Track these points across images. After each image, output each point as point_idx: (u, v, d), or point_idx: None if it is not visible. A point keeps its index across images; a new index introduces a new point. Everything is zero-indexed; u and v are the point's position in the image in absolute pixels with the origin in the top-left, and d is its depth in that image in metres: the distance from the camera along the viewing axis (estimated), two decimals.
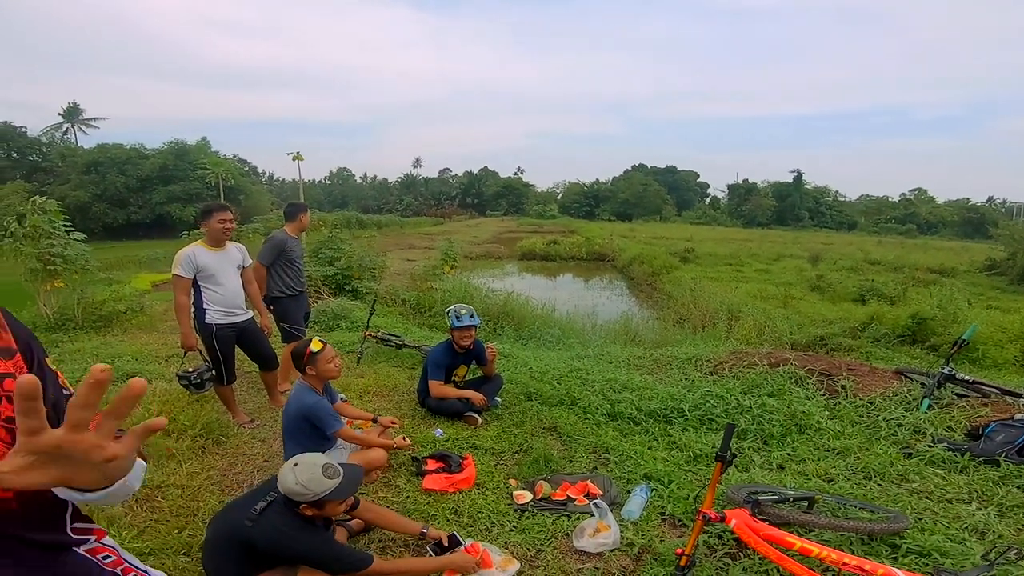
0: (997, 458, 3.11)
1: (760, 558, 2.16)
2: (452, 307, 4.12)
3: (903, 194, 66.33)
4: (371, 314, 6.03)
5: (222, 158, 28.90)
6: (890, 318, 9.38)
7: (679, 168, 76.43)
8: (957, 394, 4.14)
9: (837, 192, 65.18)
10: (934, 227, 56.55)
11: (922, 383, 4.13)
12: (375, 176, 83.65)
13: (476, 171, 73.62)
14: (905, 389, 4.11)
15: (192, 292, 3.56)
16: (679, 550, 2.07)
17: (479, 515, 2.66)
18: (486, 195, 69.31)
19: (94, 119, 49.07)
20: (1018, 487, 2.84)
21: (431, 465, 3.10)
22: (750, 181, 63.62)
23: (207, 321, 3.58)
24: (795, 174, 58.77)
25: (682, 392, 4.27)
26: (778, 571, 2.13)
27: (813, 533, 2.37)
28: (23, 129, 39.79)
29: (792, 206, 57.02)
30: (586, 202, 65.65)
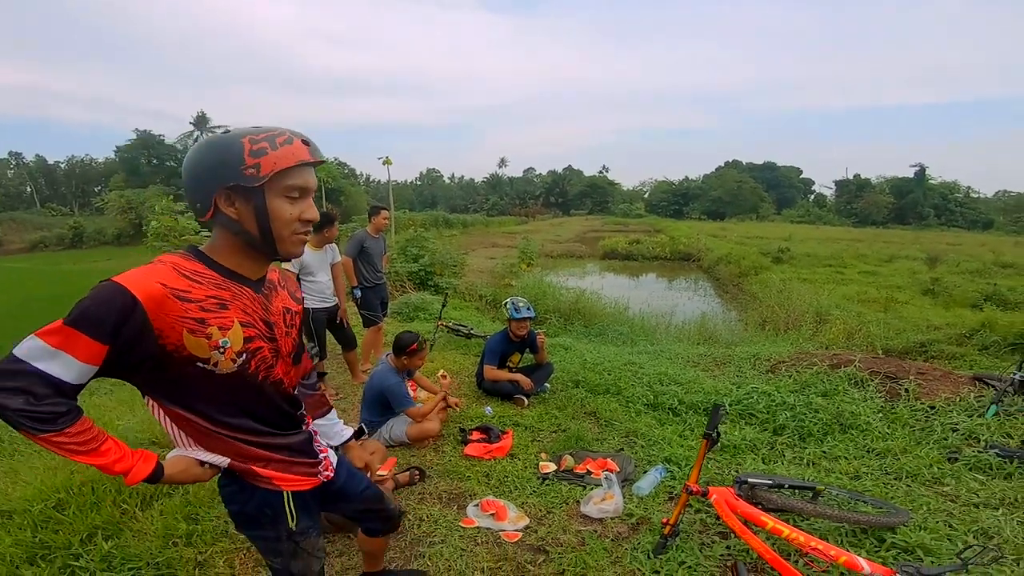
0: None
1: None
2: (510, 299, 4.49)
3: None
4: (443, 306, 6.57)
5: (324, 161, 31.48)
6: (1004, 324, 8.42)
7: (779, 164, 71.48)
8: None
9: (969, 188, 57.69)
10: None
11: (995, 388, 3.86)
12: (462, 176, 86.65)
13: (560, 170, 73.76)
14: (974, 395, 3.87)
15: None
16: (664, 519, 2.29)
17: (506, 479, 3.01)
18: (570, 194, 69.28)
19: (219, 127, 55.47)
20: None
21: (474, 436, 3.51)
22: (862, 177, 58.05)
23: (306, 306, 4.29)
24: (917, 168, 52.84)
25: (729, 388, 4.32)
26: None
27: (807, 522, 2.44)
28: (161, 137, 45.41)
29: (914, 203, 51.42)
30: (674, 200, 63.55)
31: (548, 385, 4.52)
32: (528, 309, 4.38)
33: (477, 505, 2.72)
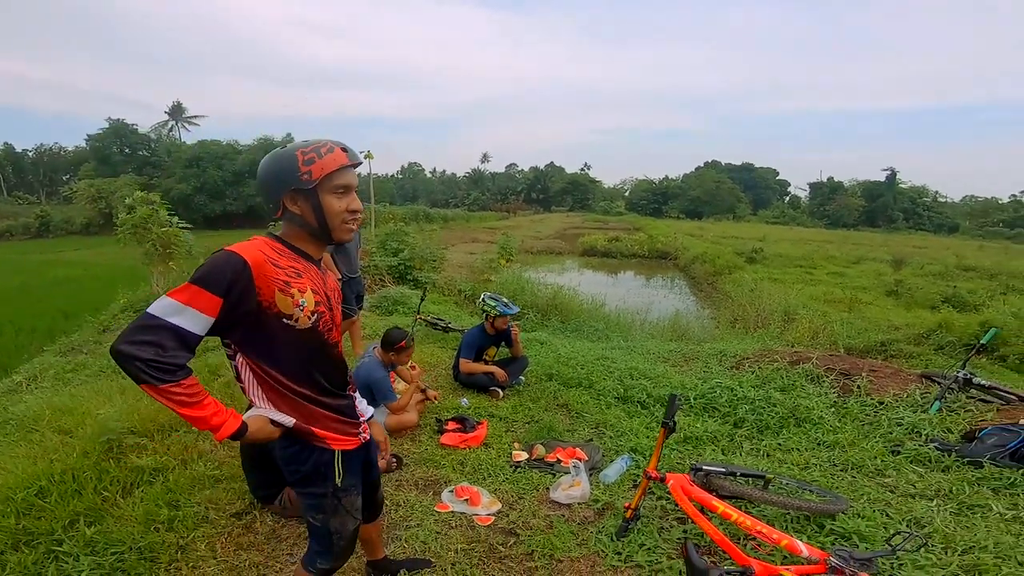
0: (981, 460, 3.15)
1: None
2: (490, 295, 4.64)
3: (1013, 195, 59.48)
4: (422, 300, 6.67)
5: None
6: (959, 326, 8.87)
7: (756, 165, 72.82)
8: (982, 400, 4.10)
9: (937, 193, 59.59)
10: None
11: (940, 385, 4.13)
12: (444, 171, 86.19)
13: (542, 167, 73.92)
14: (920, 392, 4.14)
15: None
16: (626, 504, 2.46)
17: (480, 467, 3.16)
18: (552, 191, 69.50)
19: (195, 117, 54.16)
20: (991, 489, 2.87)
21: (450, 426, 3.65)
22: (835, 179, 59.55)
23: None
24: (888, 172, 54.42)
25: (695, 382, 4.53)
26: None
27: (757, 508, 2.62)
28: (134, 126, 44.11)
29: (884, 207, 52.98)
30: (654, 199, 64.23)
31: (523, 378, 4.67)
32: (512, 305, 4.57)
33: (452, 491, 2.86)
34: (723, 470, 2.62)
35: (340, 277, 5.10)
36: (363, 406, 1.81)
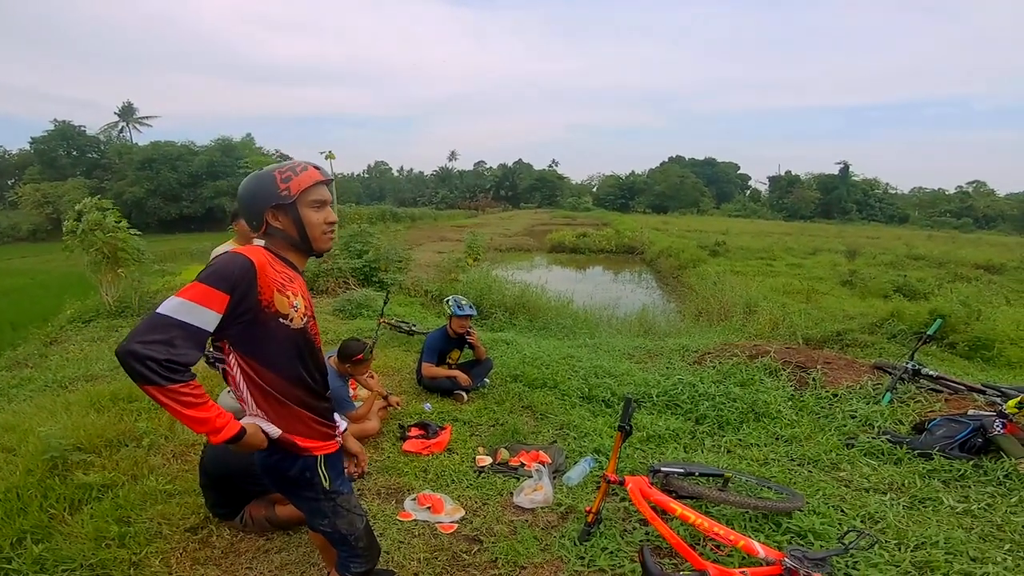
0: (931, 452, 3.25)
1: None
2: (452, 297, 4.57)
3: (959, 187, 62.62)
4: (385, 303, 6.55)
5: (265, 154, 30.18)
6: (910, 314, 9.25)
7: (719, 160, 74.53)
8: (932, 389, 4.26)
9: (888, 185, 62.30)
10: (992, 221, 53.28)
11: (892, 376, 4.29)
12: (411, 169, 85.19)
13: (511, 164, 73.92)
14: (872, 383, 4.29)
15: None
16: (587, 508, 2.46)
17: (443, 473, 3.12)
18: (520, 188, 69.57)
19: (147, 117, 51.92)
20: (942, 481, 2.97)
21: (413, 432, 3.59)
22: (793, 173, 61.48)
23: None
24: (841, 166, 56.54)
25: (658, 379, 4.59)
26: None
27: (717, 508, 2.66)
28: (82, 128, 42.23)
29: (838, 199, 54.99)
30: (621, 194, 64.98)
31: (488, 380, 4.64)
32: (471, 307, 4.48)
33: (414, 499, 2.82)
34: (681, 470, 2.65)
35: None
36: (337, 417, 1.83)
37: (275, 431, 1.52)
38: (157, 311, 1.29)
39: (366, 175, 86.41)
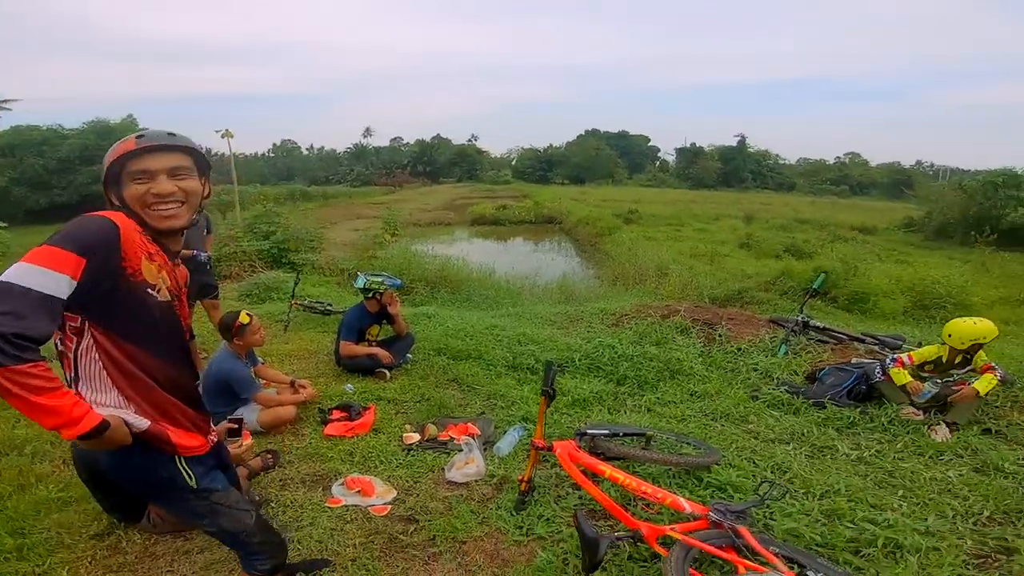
0: (823, 401, 3.57)
1: None
2: (370, 272, 4.40)
3: (838, 157, 69.26)
4: (296, 284, 6.21)
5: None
6: (798, 272, 10.17)
7: (631, 132, 76.99)
8: (820, 340, 4.70)
9: (778, 156, 67.40)
10: (867, 188, 59.53)
11: (786, 329, 4.69)
12: (323, 147, 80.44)
13: (429, 139, 71.99)
14: (770, 336, 4.67)
15: None
16: (520, 476, 2.48)
17: (370, 454, 3.02)
18: (439, 163, 68.04)
19: (6, 101, 44.89)
20: (836, 429, 3.29)
21: (335, 415, 3.44)
22: (698, 145, 64.95)
23: None
24: (739, 138, 60.49)
25: (580, 343, 4.71)
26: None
27: (644, 466, 2.76)
28: None
29: (736, 169, 58.84)
30: (540, 167, 65.48)
31: (411, 356, 4.54)
32: (393, 278, 4.41)
33: (342, 484, 2.70)
34: (607, 432, 2.72)
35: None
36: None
37: (142, 422, 1.36)
38: (0, 277, 1.11)
39: (271, 154, 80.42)
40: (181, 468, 1.46)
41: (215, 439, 1.63)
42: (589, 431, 2.69)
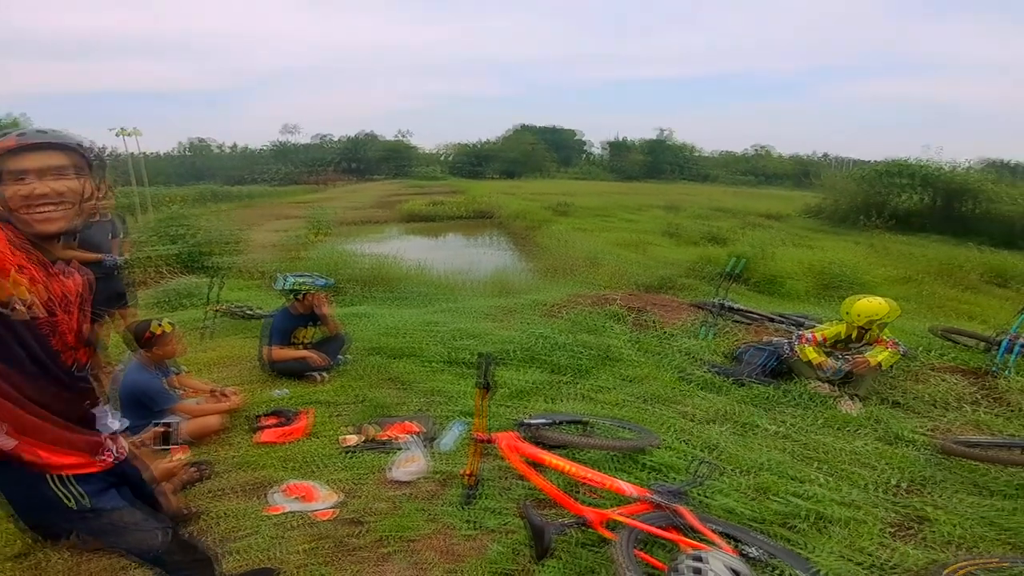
0: (743, 380, 3.81)
1: None
2: (293, 274, 4.22)
3: (745, 150, 74.14)
4: (210, 289, 5.86)
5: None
6: (717, 257, 10.80)
7: (562, 127, 78.33)
8: (738, 321, 5.03)
9: (694, 147, 71.12)
10: (777, 179, 64.04)
11: (707, 311, 4.99)
12: (242, 145, 75.79)
13: (357, 136, 69.76)
14: (692, 320, 4.94)
15: None
16: (463, 471, 2.48)
17: (308, 459, 2.92)
18: (369, 160, 66.16)
19: None
20: (756, 406, 3.52)
21: (267, 422, 3.30)
22: (628, 139, 67.29)
23: None
24: (659, 132, 63.35)
25: (516, 335, 4.77)
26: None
27: (586, 453, 2.82)
28: None
29: (659, 161, 61.52)
30: (472, 162, 65.28)
31: (345, 356, 4.41)
32: (320, 278, 4.25)
33: (281, 491, 2.61)
34: (547, 421, 2.78)
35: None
36: (107, 420, 1.57)
37: (9, 442, 1.28)
38: None
39: (184, 153, 74.73)
40: (55, 487, 1.36)
41: (114, 457, 1.50)
42: (529, 421, 2.74)
